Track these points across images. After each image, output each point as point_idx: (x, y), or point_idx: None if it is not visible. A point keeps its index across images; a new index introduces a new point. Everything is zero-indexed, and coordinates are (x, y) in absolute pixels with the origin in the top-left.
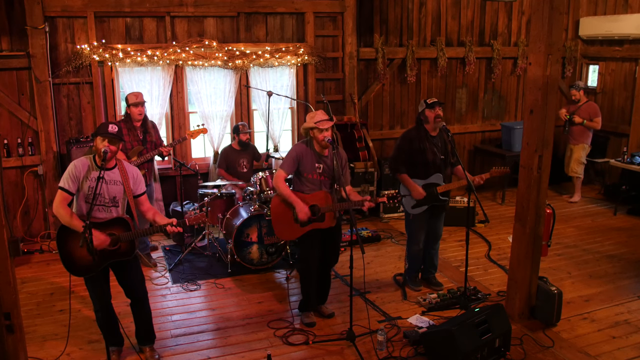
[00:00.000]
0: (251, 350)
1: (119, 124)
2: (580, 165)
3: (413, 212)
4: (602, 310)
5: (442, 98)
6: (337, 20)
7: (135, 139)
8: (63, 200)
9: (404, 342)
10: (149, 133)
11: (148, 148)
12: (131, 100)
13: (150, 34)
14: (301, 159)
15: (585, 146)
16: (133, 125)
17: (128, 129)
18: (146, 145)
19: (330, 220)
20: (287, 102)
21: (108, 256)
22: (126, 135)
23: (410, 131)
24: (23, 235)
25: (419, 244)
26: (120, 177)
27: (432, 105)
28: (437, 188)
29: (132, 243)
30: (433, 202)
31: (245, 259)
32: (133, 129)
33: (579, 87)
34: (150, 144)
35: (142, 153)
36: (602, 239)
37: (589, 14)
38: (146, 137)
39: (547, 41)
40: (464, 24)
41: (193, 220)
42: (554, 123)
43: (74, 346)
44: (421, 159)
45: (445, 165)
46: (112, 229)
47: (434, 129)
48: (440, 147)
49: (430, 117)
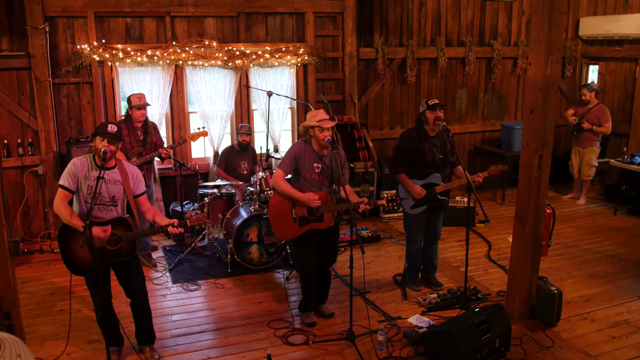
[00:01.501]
0: (251, 350)
1: (119, 124)
2: (592, 168)
3: (412, 212)
4: (602, 310)
5: (442, 98)
6: (337, 20)
7: (135, 140)
8: (63, 198)
9: (404, 342)
10: (149, 134)
11: (148, 149)
12: (134, 102)
13: (150, 34)
14: (299, 158)
15: (595, 149)
16: (134, 126)
17: (128, 129)
18: (146, 147)
19: (328, 221)
20: (287, 102)
21: (109, 256)
22: (126, 136)
23: (409, 131)
24: (23, 235)
25: (417, 244)
26: (120, 177)
27: (433, 107)
28: (436, 188)
29: (133, 243)
30: (432, 202)
31: (245, 259)
32: (133, 129)
33: (591, 89)
34: (151, 145)
35: (142, 154)
36: (602, 239)
37: (589, 14)
38: (146, 138)
39: (547, 41)
40: (464, 24)
41: (194, 221)
42: (554, 123)
43: (74, 346)
44: (420, 159)
45: (444, 165)
46: (114, 228)
47: (433, 130)
48: (439, 147)
49: (431, 119)
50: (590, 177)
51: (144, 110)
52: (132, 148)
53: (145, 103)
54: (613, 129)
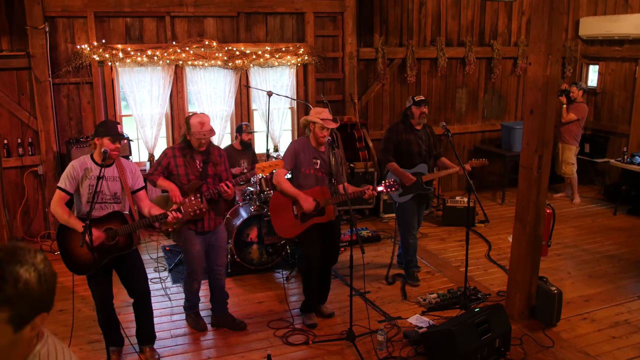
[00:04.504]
0: (251, 350)
1: (174, 150)
2: (569, 165)
3: (400, 200)
4: (602, 310)
5: (442, 98)
6: (337, 20)
7: (192, 171)
8: (60, 199)
9: (404, 342)
10: (211, 163)
11: (209, 183)
12: (195, 128)
13: (150, 34)
14: (299, 153)
15: (573, 147)
16: (192, 155)
17: (184, 156)
18: (206, 180)
19: (330, 214)
20: (287, 102)
21: (107, 251)
22: (181, 166)
23: (397, 124)
24: (23, 235)
25: (414, 234)
26: (117, 173)
27: (419, 103)
28: (422, 177)
29: (130, 236)
30: (418, 190)
31: (245, 259)
32: (192, 158)
33: (580, 87)
34: (213, 178)
35: (200, 189)
36: (602, 239)
37: (589, 14)
38: (207, 169)
39: (547, 41)
40: (464, 24)
41: (188, 206)
42: (553, 123)
43: (74, 346)
44: (407, 150)
45: (429, 157)
46: (110, 223)
47: (418, 124)
48: (424, 139)
49: (416, 114)
50: (569, 175)
51: (207, 139)
52: (189, 181)
53: (208, 130)
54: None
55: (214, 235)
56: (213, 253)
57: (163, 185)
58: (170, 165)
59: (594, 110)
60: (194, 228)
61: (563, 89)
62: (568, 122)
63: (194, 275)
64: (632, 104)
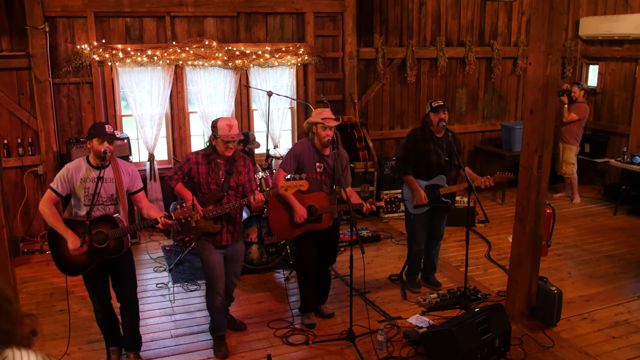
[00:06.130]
0: (251, 350)
1: (198, 156)
2: (569, 165)
3: (415, 212)
4: (602, 310)
5: (442, 98)
6: (337, 20)
7: (214, 181)
8: (50, 200)
9: (404, 342)
10: (234, 174)
11: (230, 195)
12: (223, 131)
13: (150, 34)
14: (302, 157)
15: (573, 147)
16: (217, 162)
17: (208, 163)
18: (228, 192)
19: (327, 222)
20: (287, 102)
21: (98, 254)
22: (203, 174)
23: (415, 130)
24: (23, 235)
25: (420, 245)
26: (112, 174)
27: (436, 109)
28: (440, 190)
29: (121, 240)
30: (435, 203)
31: (245, 259)
32: (216, 166)
33: (581, 87)
34: (236, 189)
35: (221, 201)
36: (602, 239)
37: (589, 14)
38: (229, 180)
39: (547, 41)
40: (464, 24)
41: (179, 214)
42: (554, 123)
43: (74, 346)
44: (425, 160)
45: (450, 167)
46: (100, 226)
47: (439, 131)
48: (445, 148)
49: (434, 121)
50: (569, 175)
51: (234, 144)
52: (209, 191)
53: (235, 133)
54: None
55: (232, 249)
56: (231, 266)
57: (180, 193)
58: (192, 171)
59: (594, 110)
60: (212, 241)
61: (564, 88)
62: (569, 122)
63: (214, 287)
64: (632, 104)
